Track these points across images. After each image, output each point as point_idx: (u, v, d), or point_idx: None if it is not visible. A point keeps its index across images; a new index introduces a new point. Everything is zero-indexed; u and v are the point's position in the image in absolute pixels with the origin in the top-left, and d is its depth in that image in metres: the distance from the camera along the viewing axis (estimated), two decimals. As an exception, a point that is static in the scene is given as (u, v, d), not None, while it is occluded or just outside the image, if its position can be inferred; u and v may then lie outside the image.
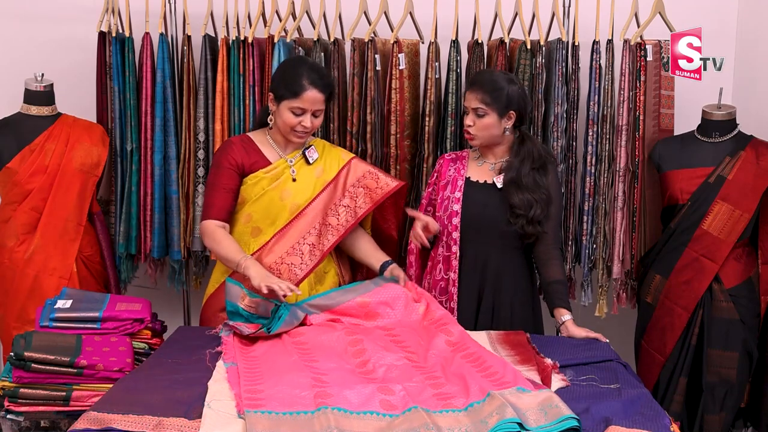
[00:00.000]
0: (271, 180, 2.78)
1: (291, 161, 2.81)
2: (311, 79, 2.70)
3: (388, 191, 2.89)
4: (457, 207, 2.82)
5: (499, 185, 2.80)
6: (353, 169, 2.90)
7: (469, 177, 2.87)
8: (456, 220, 2.82)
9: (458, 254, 2.82)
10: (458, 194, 2.83)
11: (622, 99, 3.21)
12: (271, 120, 2.80)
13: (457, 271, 2.82)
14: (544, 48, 3.22)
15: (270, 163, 2.80)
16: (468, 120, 2.79)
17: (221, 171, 2.78)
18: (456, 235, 2.82)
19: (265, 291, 2.53)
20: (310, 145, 2.87)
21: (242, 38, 3.26)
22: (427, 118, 3.28)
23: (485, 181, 2.85)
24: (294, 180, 2.80)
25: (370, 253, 2.91)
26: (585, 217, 3.28)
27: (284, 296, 2.54)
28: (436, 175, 2.96)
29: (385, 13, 3.32)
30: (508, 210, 2.76)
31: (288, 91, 2.70)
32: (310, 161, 2.84)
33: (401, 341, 2.50)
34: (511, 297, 2.83)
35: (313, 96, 2.70)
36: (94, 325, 2.62)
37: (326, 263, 2.88)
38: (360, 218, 2.88)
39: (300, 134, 2.76)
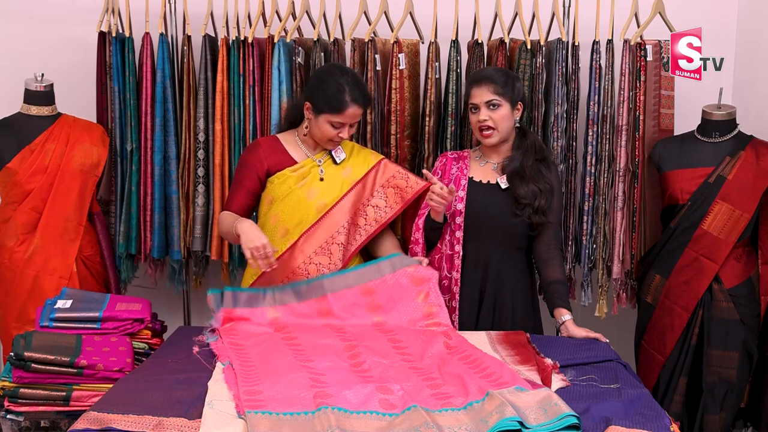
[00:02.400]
0: (298, 179, 2.78)
1: (319, 161, 2.81)
2: (353, 96, 2.68)
3: (418, 190, 2.87)
4: (460, 206, 2.82)
5: (503, 186, 2.80)
6: (383, 169, 2.89)
7: (472, 177, 2.87)
8: (459, 220, 2.82)
9: (461, 253, 2.82)
10: (462, 193, 2.83)
11: (622, 99, 3.21)
12: (306, 128, 2.80)
13: (459, 270, 2.82)
14: (544, 48, 3.22)
15: (296, 162, 2.80)
16: (482, 115, 2.75)
17: (245, 171, 2.79)
18: (459, 234, 2.82)
19: (247, 254, 2.56)
20: (338, 145, 2.86)
21: (242, 38, 3.26)
22: (427, 118, 3.28)
23: (488, 181, 2.85)
24: (322, 179, 2.80)
25: (391, 251, 2.86)
26: (585, 217, 3.28)
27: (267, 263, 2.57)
28: (439, 173, 2.94)
29: (385, 13, 3.32)
30: (513, 203, 2.76)
31: (329, 107, 2.68)
32: (338, 161, 2.83)
33: (399, 340, 2.50)
34: (512, 297, 2.83)
35: (353, 112, 2.70)
36: (94, 325, 2.62)
37: (356, 264, 2.83)
38: (391, 218, 2.86)
39: (336, 143, 2.78)
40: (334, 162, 2.83)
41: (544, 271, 2.82)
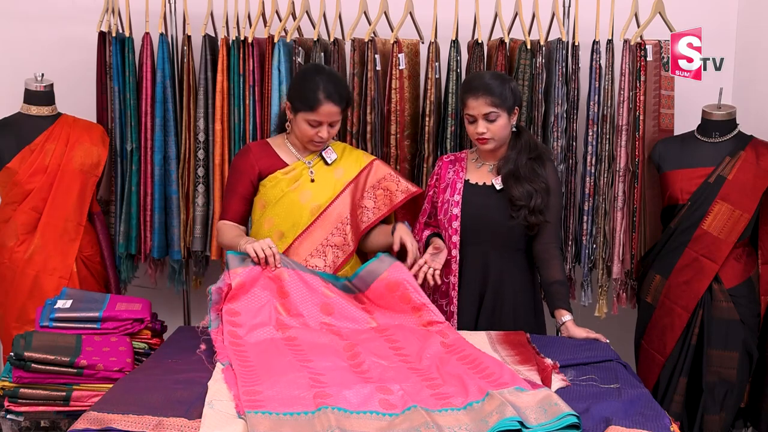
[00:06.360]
0: (290, 182, 2.77)
1: (309, 162, 2.80)
2: (327, 92, 2.66)
3: (408, 195, 2.88)
4: (456, 210, 2.81)
5: (498, 187, 2.80)
6: (375, 170, 2.89)
7: (468, 179, 2.86)
8: (456, 224, 2.81)
9: (458, 258, 2.82)
10: (457, 197, 2.82)
11: (622, 99, 3.21)
12: (288, 126, 2.81)
13: (457, 274, 2.82)
14: (544, 48, 3.22)
15: (287, 165, 2.80)
16: (480, 127, 2.73)
17: (237, 176, 2.80)
18: (456, 238, 2.81)
19: (252, 253, 2.56)
20: (328, 146, 2.85)
21: (242, 38, 3.26)
22: (427, 118, 3.28)
23: (484, 183, 2.84)
24: (312, 181, 2.79)
25: (382, 240, 2.87)
26: (585, 217, 3.28)
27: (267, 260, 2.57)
28: (435, 177, 2.94)
29: (385, 13, 3.32)
30: (509, 205, 2.75)
31: (303, 105, 2.68)
32: (329, 162, 2.82)
33: (395, 340, 2.50)
34: (513, 299, 2.83)
35: (328, 110, 2.67)
36: (94, 325, 2.62)
37: (352, 265, 2.85)
38: (377, 220, 2.87)
39: (317, 144, 2.76)
40: (326, 163, 2.82)
41: (544, 271, 2.81)
